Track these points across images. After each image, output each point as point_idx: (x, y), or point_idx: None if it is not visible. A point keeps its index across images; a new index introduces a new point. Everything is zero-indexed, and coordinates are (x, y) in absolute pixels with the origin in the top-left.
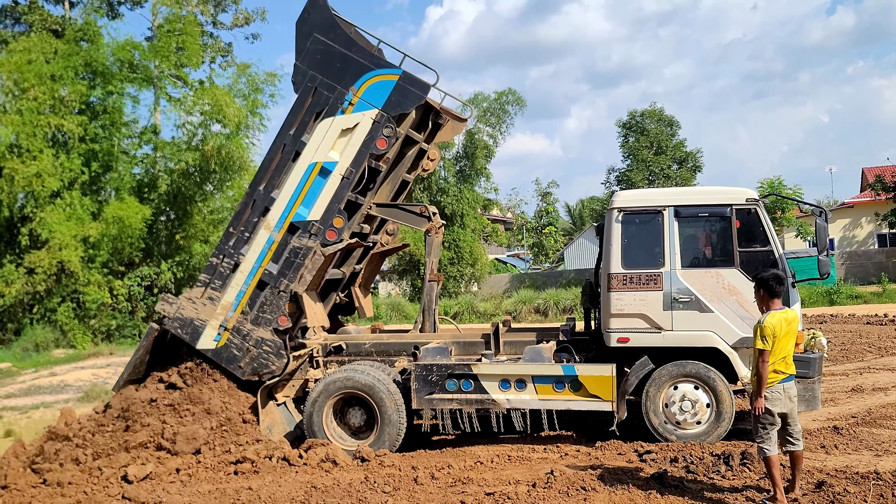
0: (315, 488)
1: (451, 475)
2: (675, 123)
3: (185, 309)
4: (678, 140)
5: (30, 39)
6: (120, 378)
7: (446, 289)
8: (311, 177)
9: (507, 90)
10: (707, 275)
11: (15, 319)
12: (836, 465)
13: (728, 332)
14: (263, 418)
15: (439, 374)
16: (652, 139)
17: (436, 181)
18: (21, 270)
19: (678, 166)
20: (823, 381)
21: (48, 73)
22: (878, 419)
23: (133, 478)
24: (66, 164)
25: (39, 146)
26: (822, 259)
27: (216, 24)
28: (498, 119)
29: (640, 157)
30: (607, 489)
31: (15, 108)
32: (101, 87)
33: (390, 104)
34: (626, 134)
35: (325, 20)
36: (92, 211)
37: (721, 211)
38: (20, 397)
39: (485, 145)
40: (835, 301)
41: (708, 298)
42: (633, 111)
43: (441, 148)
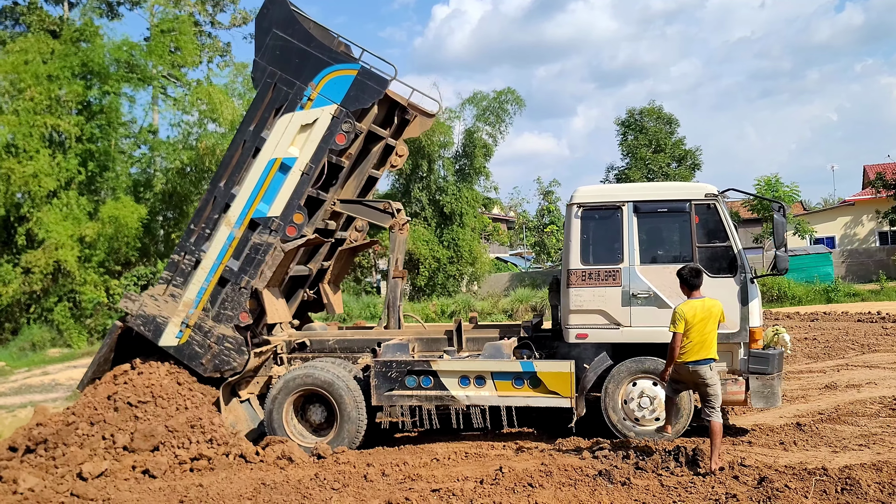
0: (264, 485)
1: (403, 472)
2: (674, 121)
3: (147, 306)
4: (677, 138)
5: (27, 40)
6: (84, 377)
7: (445, 287)
8: (271, 173)
9: (506, 89)
10: (666, 271)
11: (12, 319)
12: (790, 461)
13: None
14: (227, 415)
15: (399, 370)
16: (651, 137)
17: (435, 180)
18: (18, 270)
19: (677, 164)
20: (799, 378)
21: (45, 73)
22: (844, 416)
23: (88, 475)
24: (62, 164)
25: (36, 146)
26: (780, 255)
27: (214, 24)
28: (497, 118)
29: (639, 155)
30: (554, 486)
31: (12, 109)
32: (98, 87)
33: (349, 99)
34: (625, 132)
35: (283, 16)
36: (88, 211)
37: (680, 206)
38: (10, 396)
39: (484, 144)
40: (832, 299)
41: (666, 294)
42: (631, 109)
43: (440, 147)
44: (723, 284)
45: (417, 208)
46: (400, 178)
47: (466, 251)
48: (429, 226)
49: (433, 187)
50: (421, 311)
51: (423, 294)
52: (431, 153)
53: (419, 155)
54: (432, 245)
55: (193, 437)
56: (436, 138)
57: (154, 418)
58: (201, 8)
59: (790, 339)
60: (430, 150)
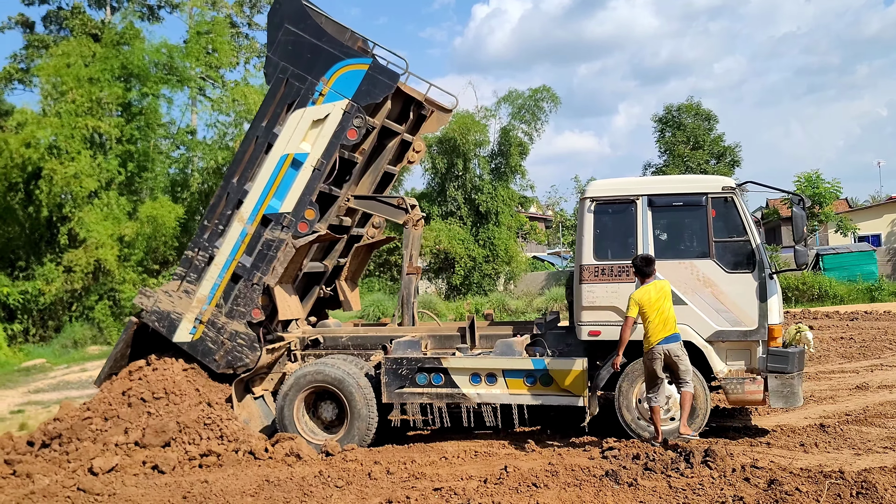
0: (268, 482)
1: (409, 470)
2: (712, 118)
3: (161, 302)
4: (716, 134)
5: (69, 43)
6: (101, 372)
7: (480, 286)
8: (283, 168)
9: (542, 87)
10: (681, 266)
11: (55, 317)
12: (808, 463)
13: (703, 325)
14: (240, 411)
15: (409, 367)
16: (688, 134)
17: (470, 179)
18: (60, 269)
19: (716, 161)
20: (830, 378)
21: (86, 76)
22: (872, 417)
23: (99, 470)
24: (103, 165)
25: (77, 147)
26: (799, 249)
27: (251, 26)
28: (533, 116)
29: (677, 152)
30: (559, 486)
31: (54, 111)
32: (138, 89)
33: (360, 94)
34: (663, 129)
35: (295, 10)
36: (128, 210)
37: (696, 200)
38: (48, 392)
39: (520, 142)
40: (876, 298)
41: (682, 290)
42: (668, 106)
43: (476, 146)
44: (740, 280)
45: (453, 207)
46: (435, 177)
47: (502, 250)
48: (464, 225)
49: (469, 186)
50: (455, 309)
51: (458, 293)
52: (467, 152)
53: (454, 154)
54: (468, 244)
55: (204, 434)
56: (471, 137)
57: (166, 414)
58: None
59: (812, 338)
60: (465, 149)
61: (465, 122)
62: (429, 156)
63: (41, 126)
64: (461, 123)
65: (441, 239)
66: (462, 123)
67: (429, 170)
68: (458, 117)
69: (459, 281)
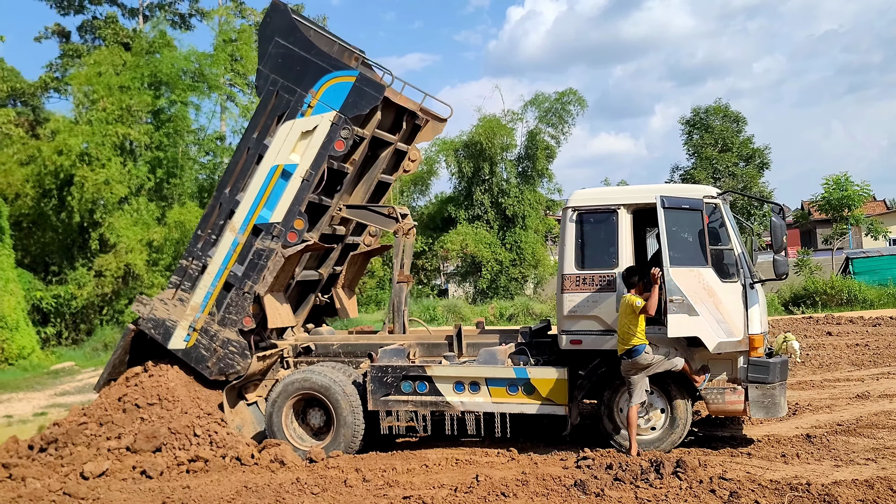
0: (246, 488)
1: (385, 478)
2: (741, 119)
3: (157, 310)
4: (745, 136)
5: (101, 52)
6: (100, 378)
7: (507, 290)
8: (273, 179)
9: (568, 90)
10: (690, 274)
11: (87, 321)
12: (783, 475)
13: (708, 335)
14: (233, 418)
15: (394, 375)
16: (717, 136)
17: (497, 182)
18: (91, 273)
19: (745, 163)
20: (834, 387)
21: (117, 84)
22: (863, 427)
23: (89, 474)
24: (133, 172)
25: (108, 154)
26: (778, 259)
27: None
28: (560, 119)
29: (705, 154)
30: (528, 495)
31: (86, 119)
32: (167, 96)
33: (348, 106)
34: (690, 131)
35: (285, 24)
36: (157, 216)
37: (696, 205)
38: (72, 395)
39: (546, 146)
40: None
41: (694, 300)
42: (696, 108)
43: (503, 150)
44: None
45: (480, 211)
46: (462, 181)
47: (529, 253)
48: (491, 228)
49: (495, 190)
50: (481, 313)
51: (485, 297)
52: (493, 155)
53: (481, 157)
54: (494, 248)
55: (194, 440)
56: (497, 140)
57: (158, 420)
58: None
59: (799, 347)
60: (491, 153)
61: (491, 126)
62: (455, 160)
63: (73, 134)
64: (487, 127)
65: (468, 243)
66: (488, 127)
67: (455, 174)
68: (485, 121)
69: (486, 285)
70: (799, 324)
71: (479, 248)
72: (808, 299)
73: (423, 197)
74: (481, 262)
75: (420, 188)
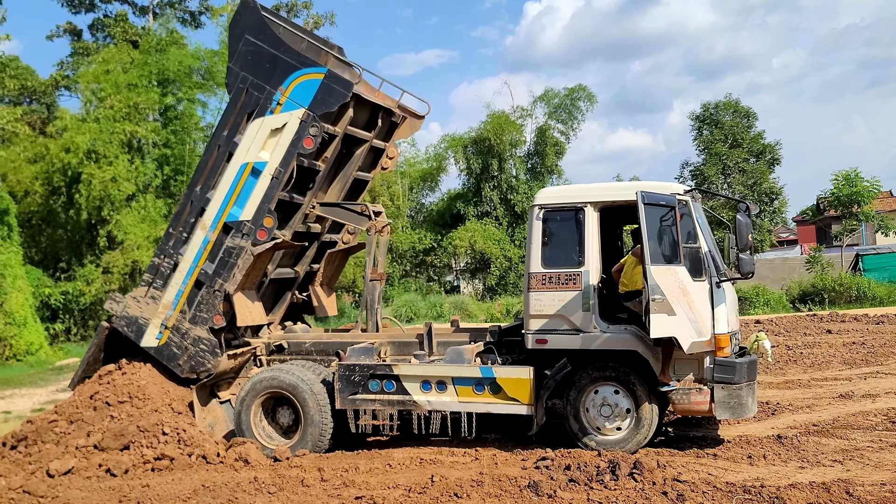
0: (204, 487)
1: (343, 478)
2: (751, 115)
3: (130, 308)
4: (755, 132)
5: (109, 51)
6: (75, 376)
7: (517, 287)
8: (243, 177)
9: (578, 86)
10: (668, 272)
11: (95, 317)
12: (743, 477)
13: (684, 335)
14: (205, 416)
15: (362, 374)
16: (727, 132)
17: (506, 179)
18: (99, 270)
19: (755, 159)
20: (821, 386)
21: (125, 82)
22: (838, 428)
23: (55, 472)
24: (140, 169)
25: (115, 152)
26: (743, 258)
27: None
28: (569, 115)
29: (714, 150)
30: (480, 496)
31: (93, 117)
32: (174, 94)
33: (316, 103)
34: (700, 127)
35: (255, 21)
36: (164, 213)
37: (669, 202)
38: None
39: (556, 142)
40: None
41: (672, 299)
42: (706, 103)
43: (512, 146)
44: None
45: (489, 207)
46: (471, 178)
47: None
48: (500, 225)
49: (504, 186)
50: (488, 310)
51: (494, 293)
52: (502, 152)
53: (489, 154)
54: (503, 244)
55: (162, 438)
56: (506, 137)
57: (128, 418)
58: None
59: (770, 347)
60: (500, 149)
61: (499, 123)
62: (464, 156)
63: (80, 131)
64: (496, 124)
65: (476, 239)
66: (497, 124)
67: (464, 170)
68: (493, 117)
69: (495, 281)
70: (802, 322)
71: (487, 245)
72: (817, 296)
73: (433, 193)
74: (490, 259)
75: (429, 185)
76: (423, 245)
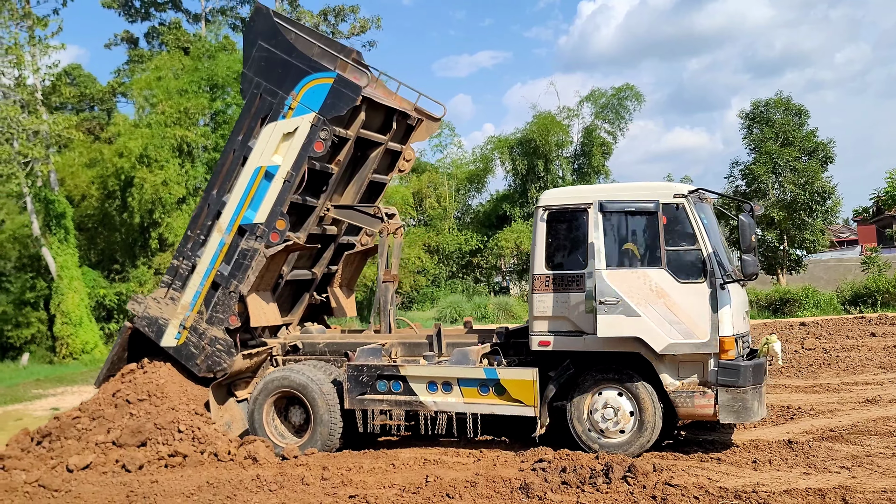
0: (208, 484)
1: (343, 477)
2: (803, 112)
3: (151, 308)
4: (808, 130)
5: (161, 58)
6: (100, 374)
7: None
8: (257, 180)
9: (625, 85)
10: (633, 275)
11: None
12: (741, 482)
13: (654, 336)
14: (221, 414)
15: (370, 374)
16: (777, 130)
17: (552, 180)
18: (151, 272)
19: (807, 158)
20: (851, 390)
21: (176, 88)
22: (855, 434)
23: (74, 467)
24: (190, 172)
25: (166, 156)
26: (746, 259)
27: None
28: (616, 115)
29: (765, 149)
30: (472, 497)
31: (145, 122)
32: (223, 99)
33: (326, 107)
34: (750, 125)
35: (268, 27)
36: None
37: (647, 208)
38: None
39: (602, 142)
40: None
41: (634, 301)
42: (756, 101)
43: (558, 147)
44: (693, 291)
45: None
46: (516, 179)
47: None
48: None
49: (550, 187)
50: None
51: None
52: (548, 153)
53: (535, 155)
54: None
55: (178, 435)
56: (552, 138)
57: (146, 415)
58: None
59: (781, 350)
60: (546, 150)
61: (545, 123)
62: (509, 158)
63: (133, 137)
64: (541, 124)
65: (522, 241)
66: (542, 124)
67: (510, 171)
68: (538, 118)
69: None
70: (848, 324)
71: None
72: (870, 298)
73: (479, 195)
74: None
75: (476, 186)
76: (470, 246)
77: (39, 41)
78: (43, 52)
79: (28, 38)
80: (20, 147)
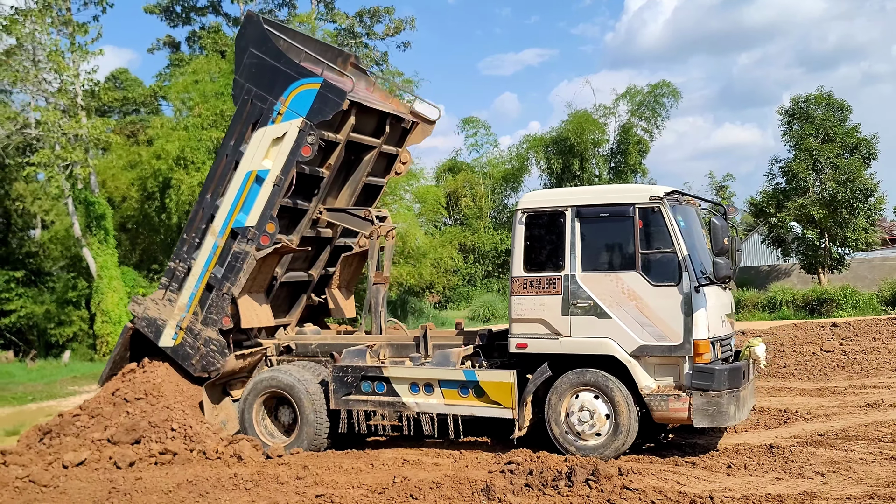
0: (188, 481)
1: (315, 477)
2: (845, 108)
3: (149, 309)
4: (850, 126)
5: (198, 61)
6: (103, 373)
7: None
8: (248, 185)
9: (661, 82)
10: (607, 279)
11: None
12: (703, 488)
13: (627, 339)
14: (217, 413)
15: (354, 375)
16: (818, 126)
17: (587, 178)
18: None
19: (849, 154)
20: (857, 394)
21: (212, 91)
22: (843, 439)
23: (69, 463)
24: None
25: (202, 158)
26: (717, 262)
27: (370, 35)
28: (653, 112)
29: (805, 146)
30: (435, 498)
31: (182, 125)
32: None
33: (313, 112)
34: (790, 122)
35: (258, 34)
36: None
37: (623, 210)
38: None
39: (639, 140)
40: None
41: (607, 304)
42: (796, 97)
43: (593, 145)
44: (667, 294)
45: None
46: (552, 178)
47: None
48: None
49: (585, 186)
50: None
51: None
52: (583, 151)
53: (570, 153)
54: None
55: (171, 434)
56: (587, 136)
57: (141, 414)
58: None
59: (764, 353)
60: (581, 148)
61: (580, 122)
62: (544, 156)
63: (170, 139)
64: (576, 123)
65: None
66: (577, 123)
67: (545, 170)
68: (574, 116)
69: None
70: (880, 325)
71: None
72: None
73: (515, 194)
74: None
75: (512, 185)
76: (505, 245)
77: (79, 47)
78: (82, 57)
79: (69, 45)
80: (61, 151)
